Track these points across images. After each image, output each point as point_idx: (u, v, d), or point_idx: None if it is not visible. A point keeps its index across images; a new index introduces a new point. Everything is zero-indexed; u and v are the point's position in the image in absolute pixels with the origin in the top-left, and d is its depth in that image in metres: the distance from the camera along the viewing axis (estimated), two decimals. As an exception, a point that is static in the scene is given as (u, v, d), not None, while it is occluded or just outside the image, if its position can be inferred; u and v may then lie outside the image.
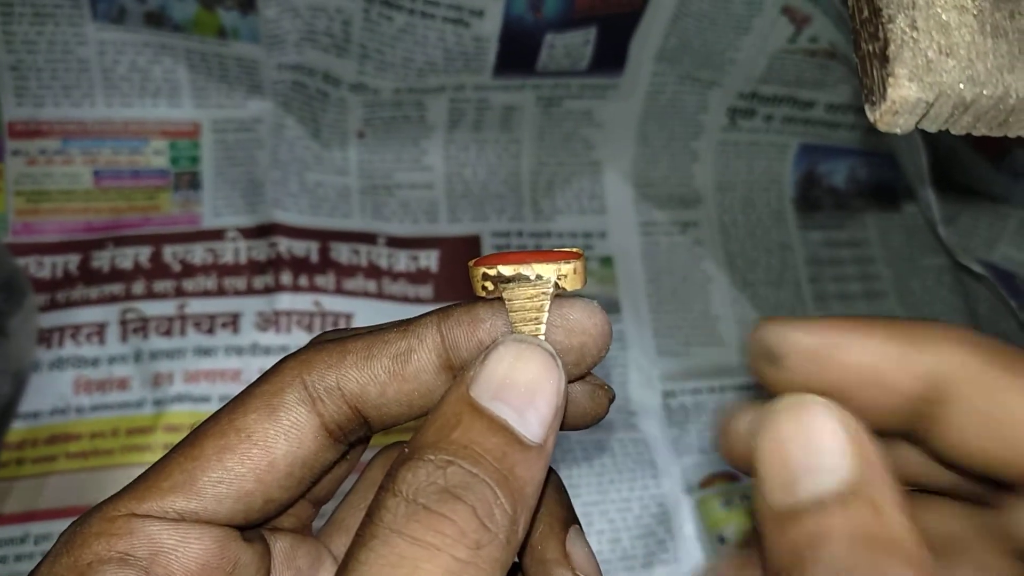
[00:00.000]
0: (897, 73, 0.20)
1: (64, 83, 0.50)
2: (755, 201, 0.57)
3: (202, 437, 0.21)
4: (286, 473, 0.21)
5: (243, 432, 0.21)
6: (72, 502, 0.44)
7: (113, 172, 0.51)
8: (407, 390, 0.21)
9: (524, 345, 0.20)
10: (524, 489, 0.19)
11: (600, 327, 0.21)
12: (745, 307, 0.55)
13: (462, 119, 0.53)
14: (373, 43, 0.49)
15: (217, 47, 0.50)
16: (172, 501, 0.20)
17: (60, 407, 0.47)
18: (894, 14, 0.20)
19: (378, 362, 0.21)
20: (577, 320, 0.21)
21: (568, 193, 0.55)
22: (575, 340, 0.21)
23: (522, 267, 0.21)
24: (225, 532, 0.21)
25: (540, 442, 0.19)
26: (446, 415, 0.19)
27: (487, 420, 0.19)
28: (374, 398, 0.21)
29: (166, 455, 0.21)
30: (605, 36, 0.50)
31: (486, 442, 0.19)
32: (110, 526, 0.20)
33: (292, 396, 0.21)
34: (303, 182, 0.53)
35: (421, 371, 0.21)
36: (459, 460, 0.18)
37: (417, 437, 0.19)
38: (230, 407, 0.21)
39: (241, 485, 0.20)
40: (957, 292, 0.56)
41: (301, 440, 0.21)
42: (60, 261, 0.50)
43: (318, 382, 0.21)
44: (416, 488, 0.18)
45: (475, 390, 0.19)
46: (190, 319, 0.49)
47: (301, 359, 0.21)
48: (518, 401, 0.19)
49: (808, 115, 0.55)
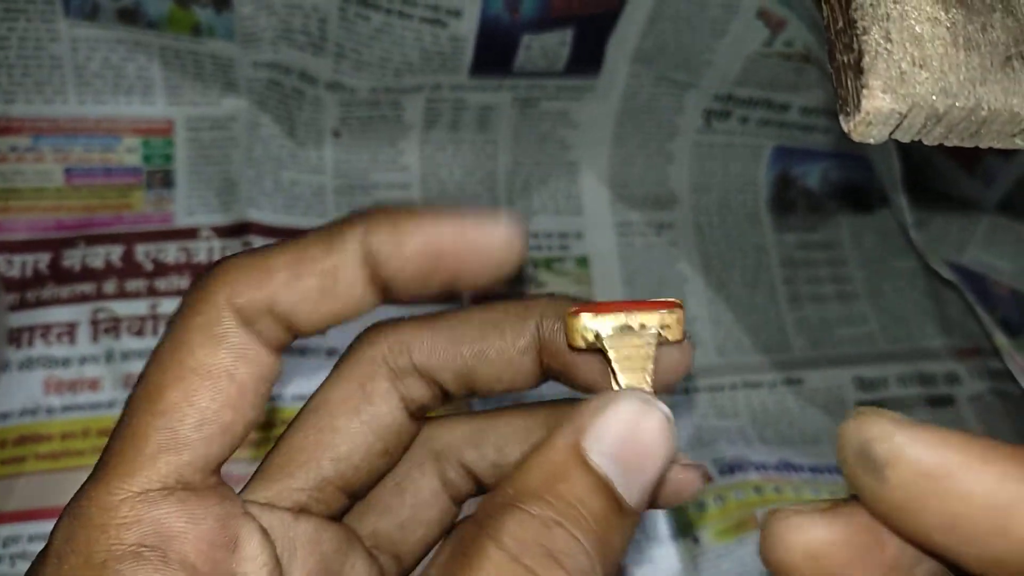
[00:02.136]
0: (871, 85, 0.20)
1: (36, 80, 0.49)
2: (730, 203, 0.57)
3: (159, 389, 0.20)
4: (255, 392, 0.20)
5: (201, 369, 0.20)
6: (42, 504, 0.44)
7: (85, 170, 0.51)
8: (337, 307, 0.21)
9: (644, 405, 0.19)
10: (615, 558, 0.18)
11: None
12: (720, 308, 0.55)
13: (439, 119, 0.53)
14: (350, 42, 0.49)
15: (191, 44, 0.49)
16: (165, 463, 0.19)
17: (30, 408, 0.46)
18: (868, 26, 0.21)
19: (306, 281, 0.20)
20: (498, 236, 0.20)
21: (544, 194, 0.55)
22: (495, 256, 0.20)
23: (628, 317, 0.20)
24: (225, 509, 0.20)
25: (638, 509, 0.19)
26: (554, 463, 0.19)
27: (595, 478, 0.18)
28: (306, 315, 0.21)
29: (125, 423, 0.20)
30: (582, 37, 0.50)
31: (592, 503, 0.18)
32: (114, 515, 0.19)
33: (230, 320, 0.20)
34: (278, 181, 0.52)
35: (350, 288, 0.20)
36: (567, 523, 0.18)
37: (520, 478, 0.19)
38: (170, 350, 0.20)
39: (221, 419, 0.20)
40: (928, 295, 0.57)
41: (257, 359, 0.20)
42: (30, 260, 0.49)
43: (248, 304, 0.20)
44: (522, 546, 0.18)
45: (587, 443, 0.19)
46: (163, 319, 0.49)
47: (225, 281, 0.20)
48: (628, 463, 0.19)
49: (783, 118, 0.55)
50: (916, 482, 0.16)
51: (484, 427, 0.24)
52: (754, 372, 0.53)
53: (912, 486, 0.16)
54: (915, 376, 0.55)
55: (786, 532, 0.17)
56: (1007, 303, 0.53)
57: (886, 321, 0.56)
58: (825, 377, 0.54)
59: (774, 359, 0.54)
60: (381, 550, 0.24)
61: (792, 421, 0.52)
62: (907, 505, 0.16)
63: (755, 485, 0.48)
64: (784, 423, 0.52)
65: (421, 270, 0.20)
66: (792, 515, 0.17)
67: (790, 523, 0.17)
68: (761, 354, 0.54)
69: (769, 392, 0.53)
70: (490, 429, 0.24)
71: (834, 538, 0.17)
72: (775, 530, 0.17)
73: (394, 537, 0.24)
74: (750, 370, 0.53)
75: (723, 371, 0.53)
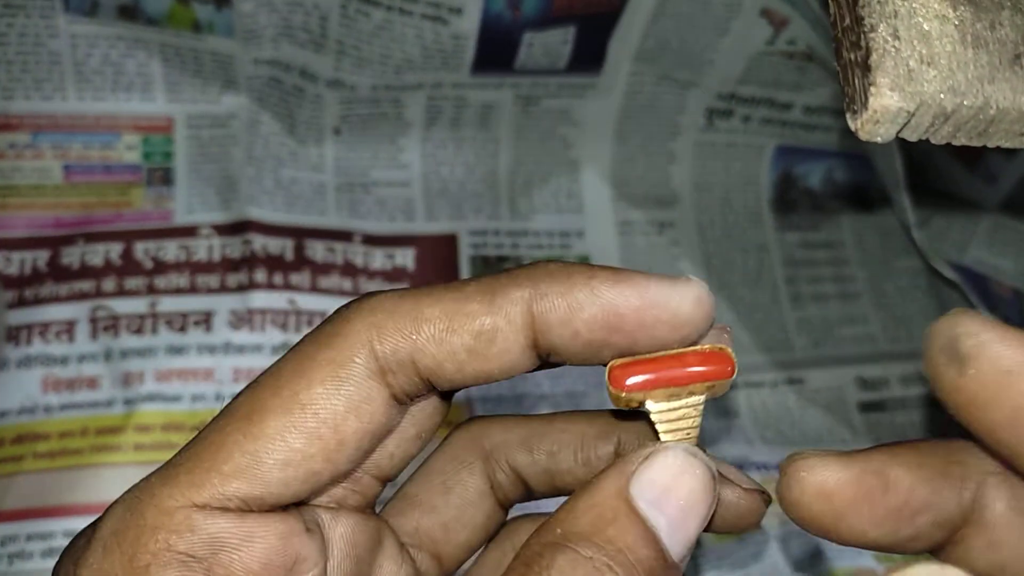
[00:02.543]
0: (879, 82, 0.20)
1: (35, 76, 0.49)
2: (732, 202, 0.57)
3: (261, 412, 0.19)
4: (355, 449, 0.20)
5: (310, 408, 0.19)
6: (40, 502, 0.43)
7: (84, 167, 0.51)
8: (488, 369, 0.20)
9: (692, 460, 0.19)
10: None
11: (707, 316, 0.20)
12: (722, 308, 0.55)
13: (440, 117, 0.53)
14: (350, 39, 0.48)
15: (192, 41, 0.49)
16: (235, 487, 0.19)
17: (28, 406, 0.46)
18: (876, 23, 0.20)
19: (459, 338, 0.19)
20: (688, 314, 0.19)
21: (546, 192, 0.55)
22: (682, 333, 0.20)
23: (677, 390, 0.20)
24: (288, 526, 0.20)
25: (680, 563, 0.19)
26: (603, 507, 0.18)
27: (643, 527, 0.18)
28: (449, 374, 0.20)
29: (219, 427, 0.19)
30: (584, 35, 0.50)
31: (640, 551, 0.18)
32: (168, 520, 0.19)
33: (362, 368, 0.19)
34: (278, 179, 0.52)
35: (505, 351, 0.19)
36: (618, 568, 0.18)
37: (569, 519, 0.18)
38: (290, 375, 0.19)
39: (310, 466, 0.19)
40: (930, 294, 0.57)
41: (372, 415, 0.19)
42: (29, 257, 0.49)
43: (391, 354, 0.19)
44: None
45: (636, 489, 0.18)
46: (162, 317, 0.48)
47: (370, 322, 0.19)
48: (673, 515, 0.18)
49: (785, 117, 0.55)
50: (994, 377, 0.17)
51: (539, 431, 0.24)
52: (755, 372, 0.53)
53: (990, 380, 0.17)
54: (916, 376, 0.54)
55: (803, 471, 0.19)
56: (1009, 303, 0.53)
57: (888, 321, 0.56)
58: (827, 377, 0.54)
59: (776, 358, 0.54)
60: (421, 548, 0.24)
61: (793, 421, 0.52)
62: (982, 398, 0.17)
63: (756, 485, 0.47)
64: (785, 423, 0.52)
65: (594, 341, 0.19)
66: (811, 456, 0.19)
67: (808, 463, 0.19)
68: (763, 353, 0.54)
69: (771, 392, 0.53)
70: (545, 433, 0.24)
71: (845, 478, 0.19)
72: (794, 470, 0.19)
73: (436, 536, 0.24)
74: (752, 370, 0.53)
75: (724, 371, 0.53)
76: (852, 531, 0.19)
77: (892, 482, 0.19)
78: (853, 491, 0.19)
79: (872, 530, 0.19)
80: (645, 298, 0.19)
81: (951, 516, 0.19)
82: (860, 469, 0.19)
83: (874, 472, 0.19)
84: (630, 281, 0.19)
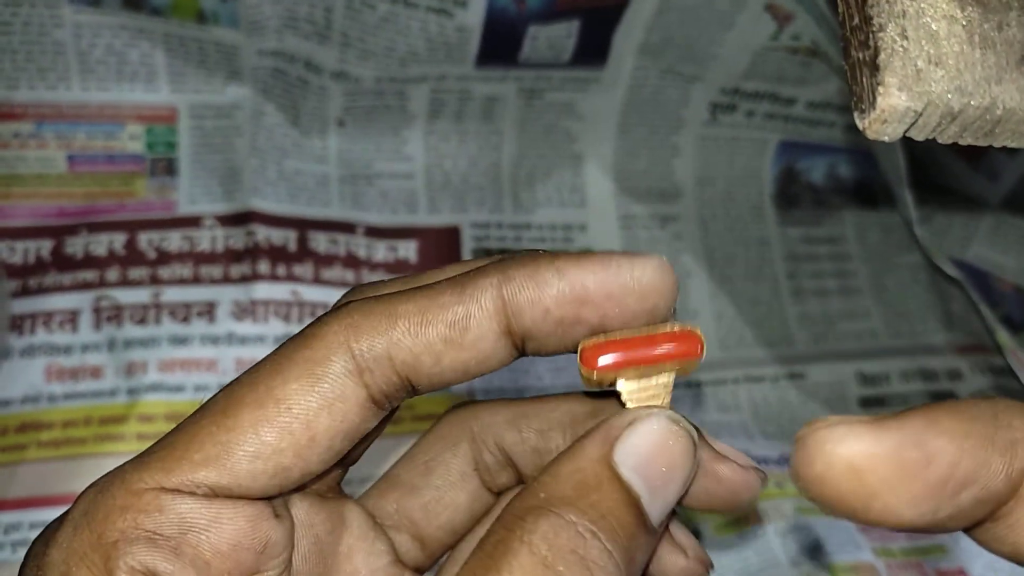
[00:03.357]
0: (887, 82, 0.20)
1: (39, 65, 0.49)
2: (735, 196, 0.57)
3: (236, 405, 0.19)
4: (327, 447, 0.20)
5: (283, 404, 0.19)
6: (43, 491, 0.44)
7: (88, 157, 0.51)
8: (464, 358, 0.20)
9: (675, 427, 0.19)
10: (637, 574, 0.18)
11: (670, 285, 0.20)
12: (723, 302, 0.55)
13: (443, 109, 0.53)
14: (355, 31, 0.48)
15: (196, 31, 0.49)
16: (204, 475, 0.19)
17: (31, 395, 0.46)
18: (885, 22, 0.20)
19: (433, 329, 0.19)
20: (651, 282, 0.20)
21: (548, 185, 0.55)
22: (648, 304, 0.20)
23: (647, 369, 0.20)
24: (257, 510, 0.20)
25: (659, 528, 0.19)
26: (586, 472, 0.18)
27: (625, 493, 0.18)
28: (427, 367, 0.20)
29: (194, 420, 0.20)
30: (588, 29, 0.50)
31: (622, 516, 0.18)
32: (137, 500, 0.19)
33: (338, 366, 0.19)
34: (281, 170, 0.52)
35: (480, 339, 0.20)
36: (601, 533, 0.18)
37: (551, 483, 0.18)
38: (267, 373, 0.20)
39: (279, 461, 0.19)
40: (932, 290, 0.57)
41: (345, 414, 0.20)
42: (32, 246, 0.49)
43: (367, 351, 0.19)
44: (556, 552, 0.17)
45: (619, 455, 0.19)
46: (165, 307, 0.48)
47: (347, 323, 0.20)
48: (655, 482, 0.19)
49: (789, 112, 0.55)
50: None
51: (528, 411, 0.24)
52: (756, 366, 0.53)
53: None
54: (917, 371, 0.54)
55: (828, 443, 0.16)
56: (1010, 300, 0.53)
57: (889, 316, 0.56)
58: (827, 372, 0.54)
59: (776, 353, 0.54)
60: (401, 530, 0.24)
61: (794, 416, 0.52)
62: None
63: (756, 479, 0.48)
64: (786, 417, 0.52)
65: (564, 318, 0.20)
66: (836, 424, 0.16)
67: (833, 433, 0.16)
68: (764, 348, 0.54)
69: (771, 386, 0.53)
70: (534, 413, 0.24)
71: (881, 452, 0.16)
72: (815, 440, 0.16)
73: (415, 517, 0.24)
74: (752, 364, 0.53)
75: (725, 365, 0.53)
76: (885, 512, 0.16)
77: (933, 454, 0.16)
78: (889, 467, 0.16)
79: (908, 510, 0.16)
80: (608, 270, 0.20)
81: (998, 490, 0.16)
82: (897, 441, 0.16)
83: (914, 443, 0.16)
84: (593, 257, 0.20)
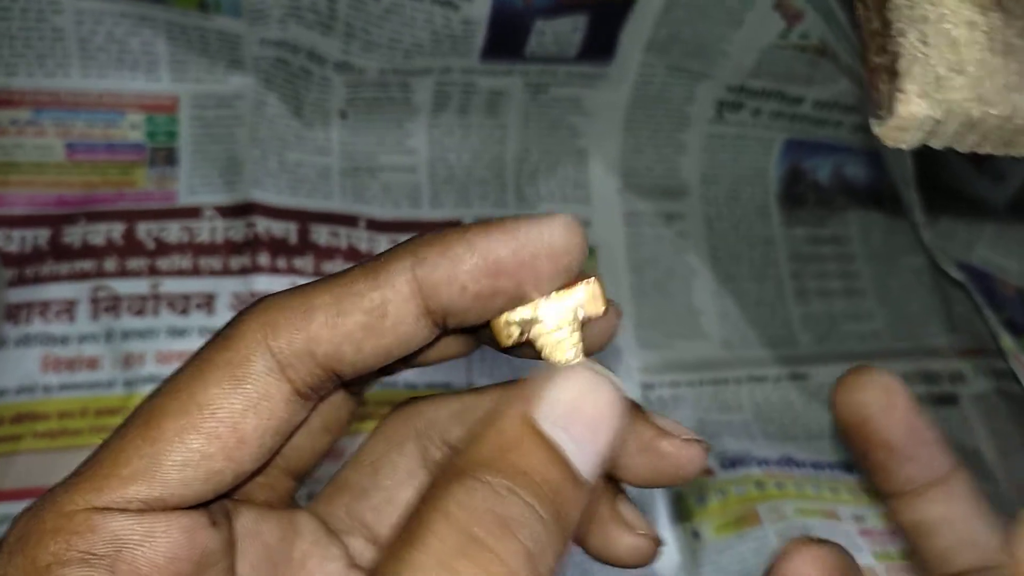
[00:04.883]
0: (907, 89, 0.20)
1: (38, 52, 0.48)
2: (740, 195, 0.57)
3: (159, 416, 0.19)
4: (257, 446, 0.20)
5: (207, 409, 0.19)
6: (38, 482, 0.43)
7: (87, 145, 0.50)
8: (385, 344, 0.20)
9: (594, 376, 0.19)
10: (568, 531, 0.18)
11: (580, 243, 0.20)
12: (727, 301, 0.54)
13: (448, 102, 0.52)
14: (359, 22, 0.48)
15: (198, 20, 0.48)
16: (135, 490, 0.19)
17: (27, 385, 0.46)
18: (905, 28, 0.20)
19: (351, 318, 0.19)
20: (561, 243, 0.20)
21: (552, 181, 0.55)
22: (561, 264, 0.20)
23: (546, 304, 0.20)
24: (192, 520, 0.20)
25: (591, 481, 0.18)
26: (505, 433, 0.18)
27: (548, 449, 0.18)
28: (349, 356, 0.20)
29: (119, 435, 0.20)
30: (595, 24, 0.49)
31: (545, 472, 0.17)
32: (68, 522, 0.19)
33: (259, 365, 0.19)
34: (283, 161, 0.52)
35: (399, 323, 0.20)
36: (519, 489, 0.17)
37: (470, 450, 0.18)
38: (188, 379, 0.20)
39: (209, 466, 0.19)
40: (935, 293, 0.57)
41: (272, 411, 0.20)
42: (29, 235, 0.48)
43: (286, 347, 0.19)
44: (472, 515, 0.17)
45: (538, 413, 0.18)
46: (164, 299, 0.48)
47: (263, 321, 0.20)
48: (580, 434, 0.18)
49: (796, 110, 0.55)
50: None
51: (472, 403, 0.24)
52: (759, 366, 0.53)
53: None
54: (920, 374, 0.54)
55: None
56: (1014, 304, 0.53)
57: (892, 318, 0.56)
58: (830, 373, 0.53)
59: (779, 353, 0.54)
60: (355, 533, 0.23)
61: (796, 416, 0.52)
62: None
63: (757, 480, 0.47)
64: (788, 418, 0.52)
65: (482, 292, 0.20)
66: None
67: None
68: (767, 348, 0.54)
69: (774, 387, 0.53)
70: (478, 406, 0.23)
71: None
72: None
73: (367, 520, 0.24)
74: (755, 364, 0.53)
75: (728, 365, 0.53)
76: None
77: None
78: None
79: None
80: (518, 237, 0.20)
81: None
82: None
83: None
84: (501, 226, 0.20)
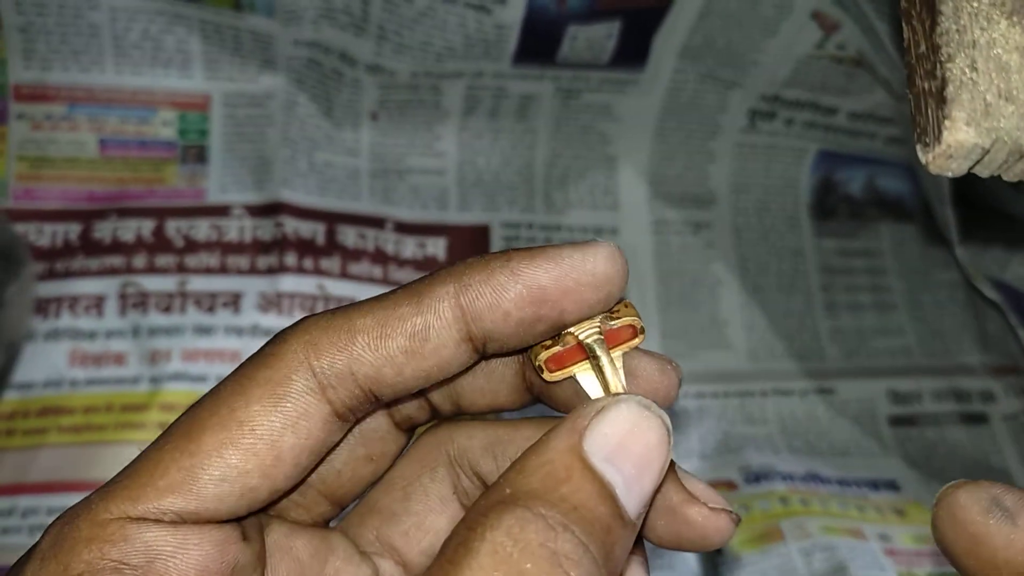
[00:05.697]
0: (954, 116, 0.19)
1: (73, 48, 0.48)
2: (770, 205, 0.56)
3: (199, 429, 0.19)
4: (293, 464, 0.20)
5: (246, 425, 0.19)
6: (62, 476, 0.44)
7: (119, 141, 0.50)
8: (426, 367, 0.20)
9: (646, 412, 0.18)
10: (616, 572, 0.17)
11: (622, 271, 0.20)
12: (754, 312, 0.54)
13: (478, 106, 0.52)
14: (392, 24, 0.48)
15: (232, 19, 0.48)
16: (170, 502, 0.19)
17: (54, 379, 0.46)
18: (953, 53, 0.19)
19: (393, 342, 0.20)
20: (604, 272, 0.20)
21: (581, 187, 0.54)
22: (603, 293, 0.20)
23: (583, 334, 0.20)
24: (224, 534, 0.20)
25: (636, 521, 0.18)
26: (555, 464, 0.18)
27: (598, 484, 0.17)
28: (390, 379, 0.20)
29: (158, 446, 0.20)
30: (629, 30, 0.49)
31: (596, 509, 0.17)
32: (102, 531, 0.19)
33: (299, 384, 0.19)
34: (312, 162, 0.52)
35: (441, 347, 0.20)
36: (574, 526, 0.17)
37: (518, 479, 0.18)
38: (228, 394, 0.20)
39: (246, 482, 0.19)
40: (968, 309, 0.56)
41: (310, 430, 0.20)
42: (61, 230, 0.49)
43: (328, 368, 0.19)
44: (523, 547, 0.16)
45: (589, 445, 0.18)
46: (191, 296, 0.48)
47: (306, 340, 0.20)
48: (629, 471, 0.18)
49: (829, 121, 0.54)
50: None
51: (504, 436, 0.23)
52: (785, 379, 0.52)
53: None
54: (950, 392, 0.53)
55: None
56: (1047, 322, 0.52)
57: (924, 334, 0.55)
58: (858, 388, 0.53)
59: (806, 367, 0.53)
60: (384, 556, 0.23)
61: (822, 432, 0.51)
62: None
63: (781, 496, 0.47)
64: (813, 433, 0.51)
65: (524, 319, 0.20)
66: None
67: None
68: (793, 361, 0.53)
69: (800, 400, 0.52)
70: (509, 439, 0.23)
71: None
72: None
73: (396, 543, 0.23)
74: (781, 377, 0.53)
75: (754, 377, 0.52)
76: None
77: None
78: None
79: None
80: (562, 266, 0.20)
81: None
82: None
83: None
84: (544, 254, 0.20)
